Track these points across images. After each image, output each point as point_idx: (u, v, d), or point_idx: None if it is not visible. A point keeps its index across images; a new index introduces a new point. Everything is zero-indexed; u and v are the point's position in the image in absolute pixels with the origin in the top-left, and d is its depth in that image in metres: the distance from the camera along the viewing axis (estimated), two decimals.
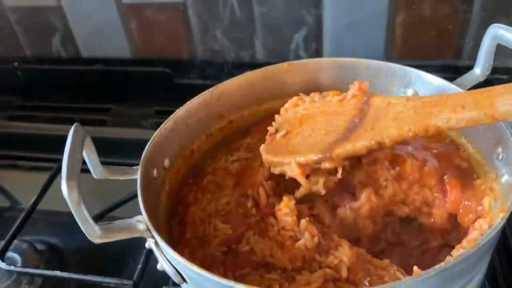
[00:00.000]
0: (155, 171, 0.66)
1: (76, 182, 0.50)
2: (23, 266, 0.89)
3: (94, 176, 0.62)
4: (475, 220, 0.62)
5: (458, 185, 0.65)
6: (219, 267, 0.61)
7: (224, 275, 0.59)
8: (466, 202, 0.64)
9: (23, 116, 1.27)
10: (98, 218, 0.95)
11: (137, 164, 0.96)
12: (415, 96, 0.71)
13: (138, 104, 1.20)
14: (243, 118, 0.80)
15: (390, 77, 0.76)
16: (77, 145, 0.54)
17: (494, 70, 1.03)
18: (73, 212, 0.50)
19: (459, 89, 0.68)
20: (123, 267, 0.90)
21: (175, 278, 0.57)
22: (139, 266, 0.83)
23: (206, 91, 0.75)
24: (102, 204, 0.98)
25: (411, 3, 0.99)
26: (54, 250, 0.96)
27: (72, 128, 0.57)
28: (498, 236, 0.55)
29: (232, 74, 1.11)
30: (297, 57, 1.09)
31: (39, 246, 0.95)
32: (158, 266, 0.58)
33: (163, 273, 0.85)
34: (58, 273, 0.84)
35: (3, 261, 0.87)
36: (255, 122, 0.80)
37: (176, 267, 0.56)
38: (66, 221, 1.01)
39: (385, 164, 0.66)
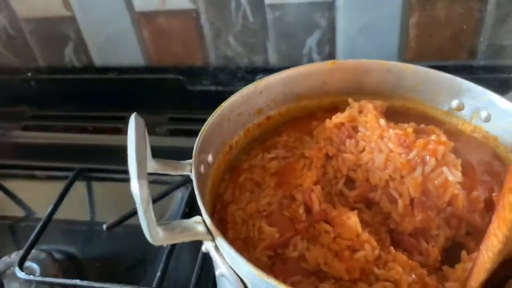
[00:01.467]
0: (202, 167, 0.64)
1: (146, 180, 0.47)
2: (41, 275, 0.88)
3: (148, 170, 0.58)
4: None
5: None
6: (267, 272, 0.57)
7: None
8: None
9: (37, 126, 1.26)
10: (114, 226, 0.95)
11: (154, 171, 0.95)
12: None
13: (152, 111, 1.18)
14: (280, 115, 0.78)
15: (437, 85, 0.74)
16: (141, 138, 0.51)
17: (511, 69, 1.04)
18: (141, 213, 0.48)
19: (509, 103, 0.67)
20: (141, 275, 0.89)
21: (237, 285, 0.53)
22: (158, 273, 0.83)
23: (249, 84, 0.73)
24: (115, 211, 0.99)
25: (425, 3, 0.98)
26: (72, 259, 0.95)
27: (133, 118, 0.54)
28: None
29: (245, 80, 1.12)
30: (311, 61, 1.08)
31: (57, 255, 0.94)
32: (217, 273, 0.55)
33: (182, 279, 0.86)
34: (77, 281, 0.84)
35: (22, 270, 0.86)
36: (290, 120, 0.79)
37: (239, 273, 0.53)
38: (82, 230, 1.02)
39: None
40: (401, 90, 0.77)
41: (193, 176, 0.59)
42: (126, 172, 0.90)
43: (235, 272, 0.53)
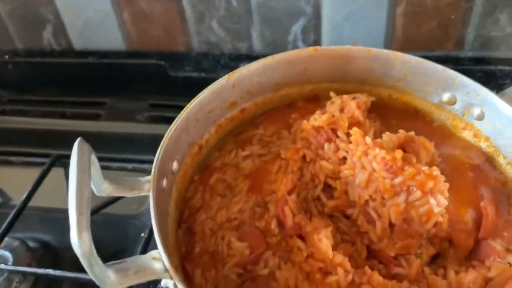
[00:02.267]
0: (164, 181, 0.59)
1: (88, 230, 0.44)
2: (14, 264, 0.86)
3: (97, 193, 0.55)
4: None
5: (493, 211, 0.60)
6: None
7: None
8: (503, 233, 0.60)
9: (15, 111, 1.22)
10: (93, 214, 0.93)
11: (133, 159, 0.93)
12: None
13: (133, 97, 1.16)
14: (256, 106, 0.74)
15: (428, 76, 0.70)
16: (84, 176, 0.46)
17: (498, 61, 1.03)
18: (85, 266, 0.45)
19: (504, 104, 0.64)
20: None
21: None
22: None
23: (220, 78, 0.69)
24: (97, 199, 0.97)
25: None
26: (47, 248, 0.92)
27: (76, 146, 0.49)
28: None
29: (229, 67, 1.10)
30: (296, 48, 1.07)
31: (31, 244, 0.91)
32: None
33: None
34: (50, 271, 0.81)
35: None
36: (267, 111, 0.75)
37: None
38: (59, 218, 0.99)
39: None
40: (389, 80, 0.74)
41: (150, 197, 0.54)
42: (105, 159, 0.88)
43: None
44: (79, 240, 0.44)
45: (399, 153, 0.59)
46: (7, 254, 0.88)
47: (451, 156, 0.67)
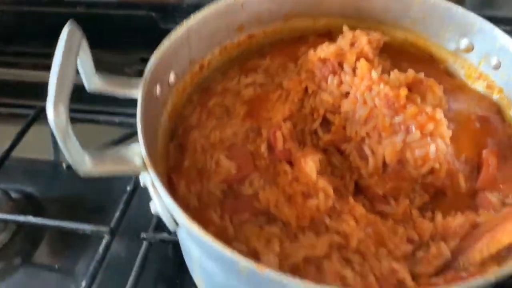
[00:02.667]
0: (157, 88, 0.58)
1: (65, 106, 0.42)
2: None
3: (87, 87, 0.53)
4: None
5: (495, 163, 0.59)
6: (216, 207, 0.56)
7: (221, 218, 0.55)
8: (500, 185, 0.59)
9: (2, 62, 1.19)
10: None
11: (120, 113, 0.91)
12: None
13: (122, 50, 1.11)
14: (265, 35, 0.72)
15: (447, 19, 0.67)
16: (71, 55, 0.44)
17: (499, 20, 1.00)
18: (59, 141, 0.42)
19: None
20: (102, 217, 0.86)
21: (170, 224, 0.50)
22: (117, 214, 0.79)
23: None
24: None
25: None
26: (30, 199, 0.90)
27: (66, 28, 0.46)
28: None
29: None
30: None
31: (14, 195, 0.89)
32: (152, 208, 0.51)
33: (141, 221, 0.82)
34: (31, 218, 0.79)
35: None
36: (277, 42, 0.73)
37: (172, 213, 0.49)
38: (43, 170, 0.98)
39: None
40: (406, 22, 0.71)
41: (139, 98, 0.52)
42: (92, 112, 0.86)
43: (166, 208, 0.49)
44: (55, 112, 0.41)
45: (403, 91, 0.58)
46: None
47: (460, 106, 0.66)
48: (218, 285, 0.55)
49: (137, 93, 0.52)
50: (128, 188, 0.86)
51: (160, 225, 0.79)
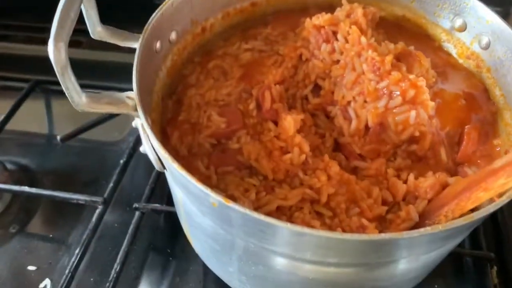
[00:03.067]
0: (158, 44, 0.60)
1: (65, 43, 0.44)
2: None
3: (92, 35, 0.56)
4: None
5: (476, 138, 0.61)
6: (204, 158, 0.60)
7: (207, 168, 0.59)
8: (478, 161, 0.61)
9: None
10: (68, 138, 0.93)
11: (115, 87, 0.91)
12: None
13: (116, 25, 1.13)
14: (268, 3, 0.73)
15: None
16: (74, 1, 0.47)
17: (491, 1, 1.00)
18: (58, 77, 0.45)
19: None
20: (96, 189, 0.86)
21: (156, 164, 0.53)
22: (111, 185, 0.80)
23: None
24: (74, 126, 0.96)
25: None
26: (25, 170, 0.90)
27: None
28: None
29: None
30: None
31: (9, 166, 0.90)
32: (141, 149, 0.54)
33: (134, 192, 0.84)
34: (26, 188, 0.80)
35: None
36: (279, 12, 0.74)
37: (158, 155, 0.52)
38: (38, 143, 0.98)
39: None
40: None
41: (137, 49, 0.55)
42: (86, 86, 0.87)
43: (155, 152, 0.53)
44: (55, 49, 0.44)
45: (389, 57, 0.60)
46: None
47: (448, 82, 0.67)
48: (199, 226, 0.58)
49: (137, 44, 0.55)
50: (121, 161, 0.88)
51: (152, 196, 0.81)
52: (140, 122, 0.52)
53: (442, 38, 0.74)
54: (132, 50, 0.58)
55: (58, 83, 1.11)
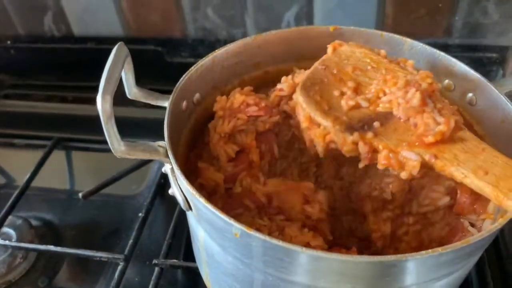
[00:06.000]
0: (184, 103, 0.66)
1: (110, 97, 0.51)
2: (18, 241, 0.89)
3: (128, 96, 0.63)
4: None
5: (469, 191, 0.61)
6: (218, 202, 0.64)
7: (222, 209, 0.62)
8: (474, 206, 0.62)
9: (17, 95, 1.24)
10: (89, 195, 0.97)
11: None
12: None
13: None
14: (278, 72, 0.76)
15: (431, 62, 0.73)
16: (118, 63, 0.55)
17: (484, 48, 1.05)
18: (103, 125, 0.51)
19: (495, 91, 0.65)
20: (116, 243, 0.90)
21: (183, 205, 0.58)
22: (130, 241, 0.83)
23: (248, 37, 0.73)
24: (94, 179, 1.00)
25: None
26: (49, 226, 0.95)
27: (116, 46, 0.57)
28: (492, 238, 0.55)
29: None
30: None
31: (34, 222, 0.94)
32: (170, 191, 0.60)
33: (153, 248, 0.87)
34: (51, 247, 0.84)
35: None
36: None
37: (186, 195, 0.58)
38: (60, 198, 1.03)
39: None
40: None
41: (167, 107, 0.62)
42: (104, 142, 0.93)
43: (183, 193, 0.58)
44: (103, 100, 0.50)
45: None
46: (11, 231, 0.91)
47: None
48: (219, 266, 0.62)
49: (167, 103, 0.63)
50: (140, 215, 0.92)
51: (169, 252, 0.85)
52: (169, 167, 0.59)
53: None
54: (151, 107, 0.66)
55: (78, 140, 1.18)
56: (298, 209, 0.62)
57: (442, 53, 0.72)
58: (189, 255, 0.83)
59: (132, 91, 0.63)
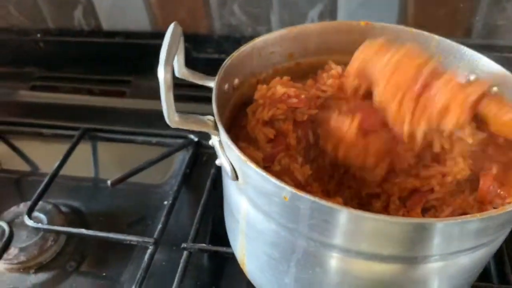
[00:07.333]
0: (226, 86, 0.69)
1: (171, 67, 0.53)
2: (49, 224, 0.91)
3: (177, 75, 0.65)
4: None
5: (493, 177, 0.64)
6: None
7: None
8: (499, 191, 0.63)
9: (45, 87, 1.26)
10: (117, 183, 1.00)
11: (156, 134, 1.02)
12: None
13: (156, 76, 1.21)
14: (310, 64, 0.79)
15: (458, 58, 0.74)
16: (175, 38, 0.58)
17: (503, 48, 1.07)
18: (162, 95, 0.54)
19: None
20: (142, 229, 0.92)
21: (230, 174, 0.60)
22: (159, 226, 0.85)
23: (284, 28, 0.76)
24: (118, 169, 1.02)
25: None
26: (77, 212, 0.97)
27: (172, 25, 0.60)
28: None
29: None
30: None
31: (63, 208, 0.97)
32: (217, 162, 0.62)
33: (179, 234, 0.88)
34: (83, 231, 0.86)
35: (30, 219, 0.89)
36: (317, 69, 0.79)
37: (233, 165, 0.59)
38: (86, 186, 1.05)
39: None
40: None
41: (214, 86, 0.64)
42: (129, 133, 0.97)
43: (231, 163, 0.60)
44: (165, 70, 0.53)
45: None
46: (42, 216, 0.93)
47: None
48: (259, 236, 0.64)
49: (212, 84, 0.65)
50: (165, 203, 0.94)
51: (197, 236, 0.87)
52: (217, 139, 0.61)
53: None
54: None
55: (104, 131, 1.20)
56: None
57: (467, 48, 0.74)
58: (215, 240, 0.84)
59: (181, 70, 0.66)
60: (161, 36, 1.18)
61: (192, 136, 1.08)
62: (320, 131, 0.69)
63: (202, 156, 1.05)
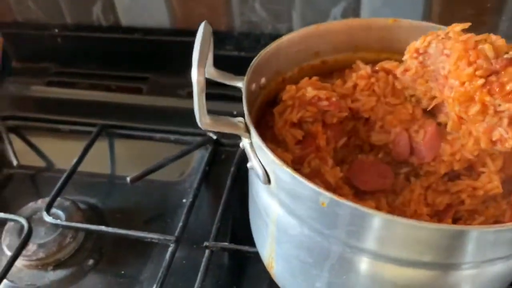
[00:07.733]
0: (253, 86, 0.67)
1: (203, 69, 0.52)
2: (67, 221, 0.90)
3: (206, 75, 0.63)
4: None
5: None
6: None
7: None
8: None
9: (62, 82, 1.24)
10: (137, 180, 0.98)
11: (174, 131, 1.10)
12: None
13: (175, 73, 1.17)
14: (336, 62, 0.78)
15: None
16: (207, 38, 0.56)
17: None
18: (194, 96, 0.52)
19: None
20: (161, 227, 0.91)
21: (262, 177, 0.58)
22: (180, 224, 0.84)
23: (310, 26, 0.74)
24: (139, 167, 1.00)
25: None
26: (94, 209, 0.96)
27: (202, 24, 0.58)
28: None
29: None
30: None
31: (81, 205, 0.95)
32: (248, 165, 0.60)
33: (199, 232, 0.88)
34: (103, 228, 0.85)
35: (49, 215, 0.88)
36: (344, 68, 0.78)
37: (266, 168, 0.58)
38: (103, 183, 1.04)
39: None
40: None
41: (243, 86, 0.63)
42: (148, 130, 0.95)
43: (263, 166, 0.58)
44: (198, 72, 0.52)
45: None
46: (60, 212, 0.92)
47: None
48: (291, 241, 0.62)
49: (241, 84, 0.64)
50: (184, 201, 0.93)
51: (218, 235, 0.85)
52: (248, 142, 0.59)
53: None
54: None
55: (122, 127, 1.19)
56: None
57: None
58: (235, 239, 0.82)
59: (209, 70, 0.64)
60: (180, 33, 1.19)
61: (211, 134, 1.07)
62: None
63: (221, 154, 1.06)
